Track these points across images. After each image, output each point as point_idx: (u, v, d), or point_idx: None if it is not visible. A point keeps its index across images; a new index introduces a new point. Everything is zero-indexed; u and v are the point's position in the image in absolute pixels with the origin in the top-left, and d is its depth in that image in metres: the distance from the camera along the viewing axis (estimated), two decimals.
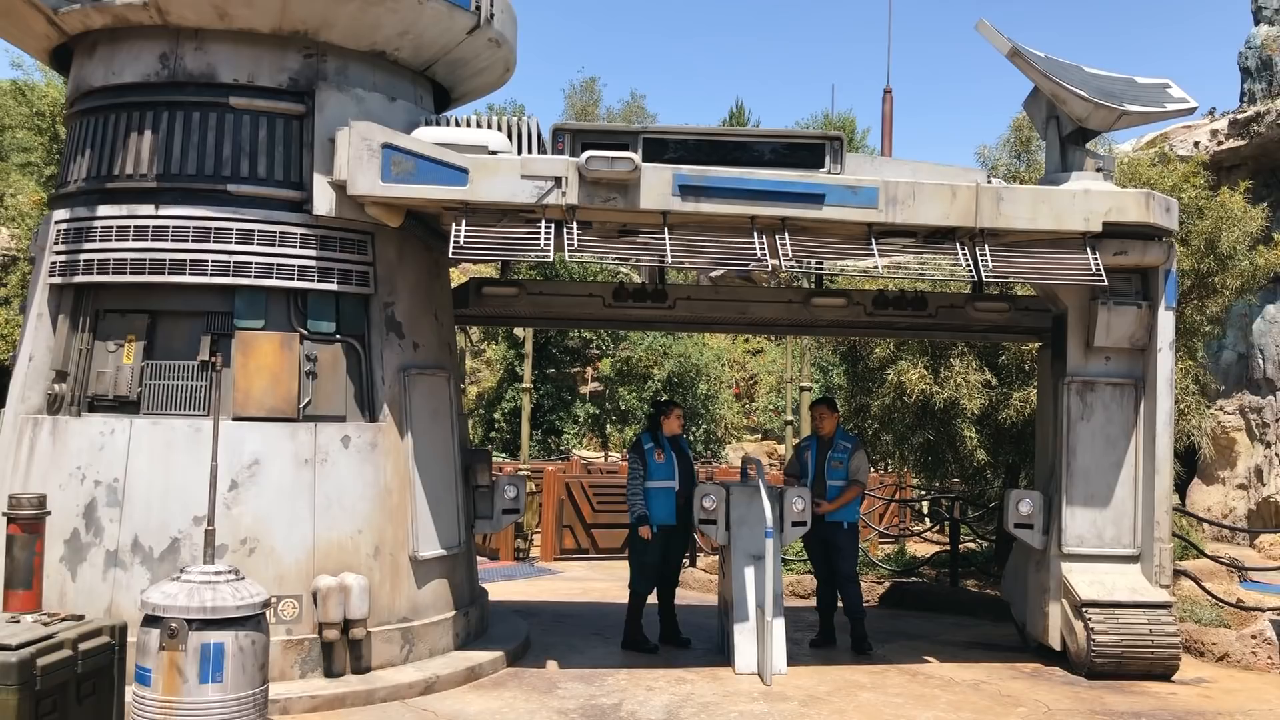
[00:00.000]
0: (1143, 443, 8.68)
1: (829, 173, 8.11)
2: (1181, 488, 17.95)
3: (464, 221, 7.56)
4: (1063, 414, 8.76)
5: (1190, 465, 17.66)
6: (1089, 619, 8.32)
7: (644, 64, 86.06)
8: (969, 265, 8.03)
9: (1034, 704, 7.58)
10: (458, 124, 8.19)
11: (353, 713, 6.92)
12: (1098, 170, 8.64)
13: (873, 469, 14.59)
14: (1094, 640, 8.25)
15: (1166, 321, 8.61)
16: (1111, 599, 8.37)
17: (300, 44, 7.72)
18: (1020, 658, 8.98)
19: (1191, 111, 9.04)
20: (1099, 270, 8.06)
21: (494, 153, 7.76)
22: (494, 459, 12.94)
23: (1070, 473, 8.69)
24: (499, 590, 11.00)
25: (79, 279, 7.57)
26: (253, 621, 5.85)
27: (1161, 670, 8.33)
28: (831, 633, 9.31)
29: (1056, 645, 8.69)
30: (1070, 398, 8.75)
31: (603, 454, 26.49)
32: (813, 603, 10.12)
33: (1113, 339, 8.64)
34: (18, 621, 5.30)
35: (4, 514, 6.37)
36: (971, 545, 14.18)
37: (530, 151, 8.12)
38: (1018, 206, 8.08)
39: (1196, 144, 18.05)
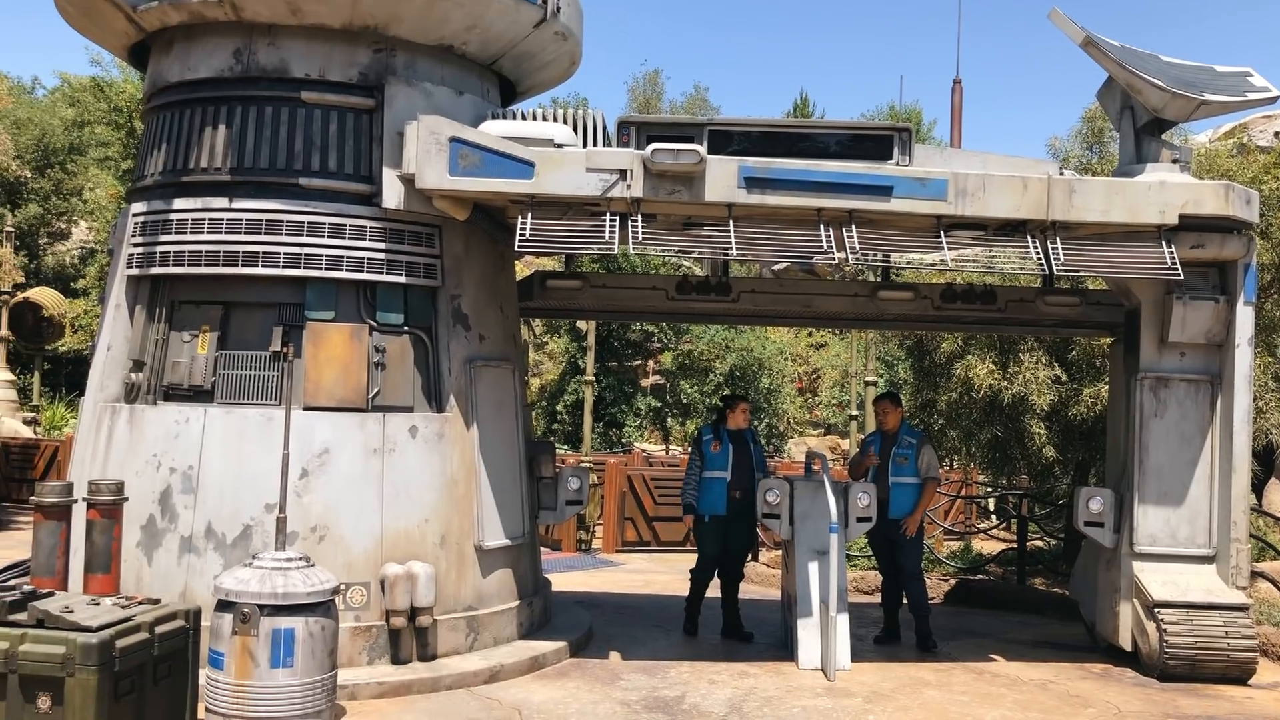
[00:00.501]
0: (1219, 441, 8.48)
1: (897, 164, 8.02)
2: (1259, 487, 17.46)
3: (529, 214, 7.61)
4: (1135, 411, 8.59)
5: (1268, 465, 17.17)
6: (1162, 620, 8.15)
7: (707, 57, 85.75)
8: (1040, 258, 7.90)
9: (1104, 705, 7.45)
10: (524, 117, 8.24)
11: (419, 700, 7.00)
12: (1174, 161, 8.44)
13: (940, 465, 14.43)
14: (1167, 642, 8.09)
15: (1245, 317, 8.39)
16: (1185, 600, 8.20)
17: (370, 39, 7.81)
18: (1089, 658, 8.83)
19: (1274, 100, 8.77)
20: (1175, 264, 7.88)
21: (559, 146, 7.79)
22: (556, 451, 13.02)
23: (1143, 470, 8.52)
24: (561, 581, 11.06)
25: (155, 270, 7.74)
26: (322, 608, 5.96)
27: (1237, 674, 8.13)
28: (896, 629, 9.23)
29: (1127, 646, 8.53)
30: (1143, 394, 8.58)
31: (664, 447, 26.51)
32: (877, 599, 10.04)
33: (1188, 334, 8.45)
34: (97, 604, 5.45)
35: (84, 499, 6.56)
36: (1039, 543, 13.98)
37: (595, 145, 8.14)
38: (1091, 199, 7.93)
39: (1277, 134, 17.56)
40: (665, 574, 12.85)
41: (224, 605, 5.86)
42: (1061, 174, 8.24)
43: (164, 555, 7.28)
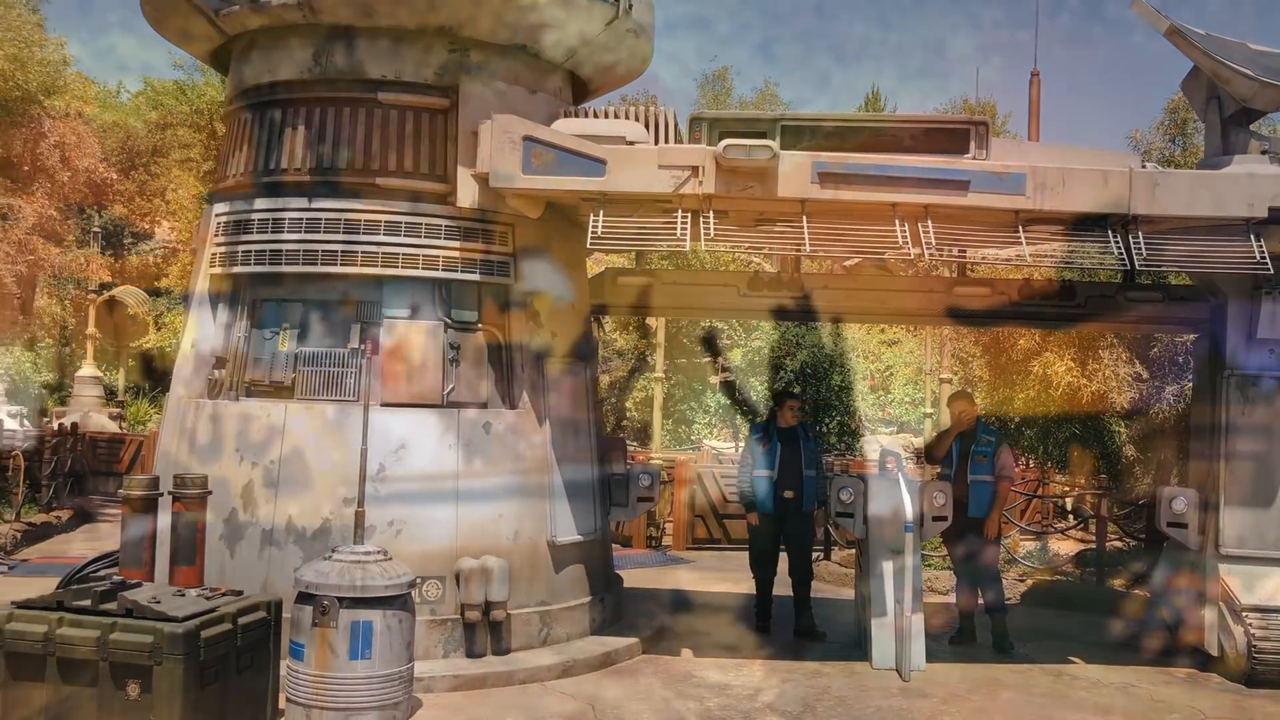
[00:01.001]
0: None
1: (974, 158, 7.90)
2: None
3: (602, 212, 7.64)
4: (1221, 409, 8.36)
5: None
6: (1250, 624, 7.93)
7: (776, 52, 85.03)
8: (1121, 253, 7.73)
9: (1189, 711, 7.27)
10: (596, 115, 8.26)
11: (493, 693, 7.07)
12: (1263, 153, 8.20)
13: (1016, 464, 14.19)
14: (1255, 647, 7.86)
15: None
16: (1274, 604, 7.97)
17: (445, 39, 7.89)
18: (1172, 661, 8.61)
19: None
20: (1264, 258, 7.65)
21: (631, 143, 7.80)
22: (627, 448, 13.04)
23: (1229, 471, 8.29)
24: (632, 578, 11.05)
25: (237, 269, 7.91)
26: (400, 601, 6.05)
27: None
28: (972, 630, 9.10)
29: (1212, 650, 8.31)
30: (1230, 392, 8.35)
31: (733, 444, 26.39)
32: (952, 599, 9.91)
33: (1278, 331, 8.21)
34: (183, 595, 5.59)
35: (169, 493, 6.73)
36: (1118, 543, 13.66)
37: (666, 141, 8.14)
38: (1174, 192, 7.73)
39: None
40: (735, 571, 12.78)
41: (304, 597, 5.98)
42: (1144, 167, 8.05)
43: (246, 548, 7.44)
